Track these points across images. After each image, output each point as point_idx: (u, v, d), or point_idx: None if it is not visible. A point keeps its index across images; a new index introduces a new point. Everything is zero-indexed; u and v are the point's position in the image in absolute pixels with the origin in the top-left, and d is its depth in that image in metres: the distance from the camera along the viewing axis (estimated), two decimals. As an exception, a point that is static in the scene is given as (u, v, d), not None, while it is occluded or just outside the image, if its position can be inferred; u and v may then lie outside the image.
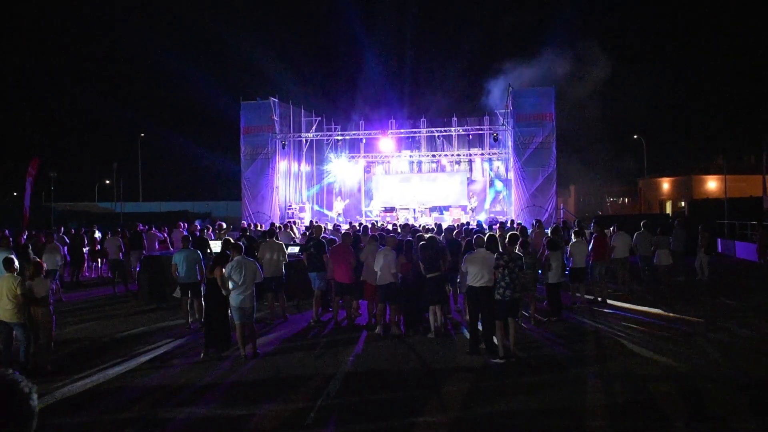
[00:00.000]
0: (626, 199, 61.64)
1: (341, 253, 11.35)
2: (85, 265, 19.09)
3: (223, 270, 8.95)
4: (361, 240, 12.55)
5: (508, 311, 8.80)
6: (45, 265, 9.13)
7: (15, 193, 49.56)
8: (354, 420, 6.64)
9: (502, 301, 8.77)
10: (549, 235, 13.13)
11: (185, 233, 15.28)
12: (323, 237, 12.61)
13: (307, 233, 15.49)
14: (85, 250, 18.44)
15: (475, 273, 9.08)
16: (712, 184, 49.47)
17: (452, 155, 32.50)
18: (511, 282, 8.74)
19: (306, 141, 31.68)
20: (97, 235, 19.57)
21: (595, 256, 13.49)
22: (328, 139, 32.86)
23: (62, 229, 20.03)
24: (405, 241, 10.90)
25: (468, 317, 10.15)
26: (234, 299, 8.96)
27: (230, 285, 8.94)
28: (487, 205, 31.81)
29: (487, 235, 10.06)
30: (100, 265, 19.67)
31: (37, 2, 79.91)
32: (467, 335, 9.89)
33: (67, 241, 17.95)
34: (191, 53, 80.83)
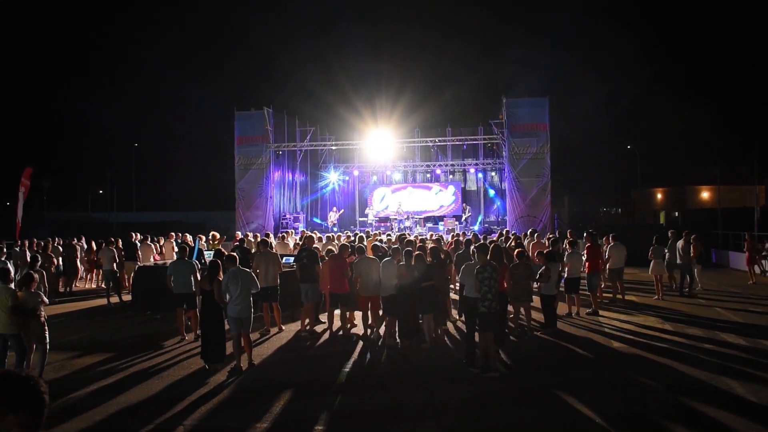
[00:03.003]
0: (619, 210, 61.85)
1: (337, 264, 11.31)
2: (79, 275, 19.01)
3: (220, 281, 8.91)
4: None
5: (492, 324, 8.73)
6: (36, 276, 9.04)
7: (8, 203, 49.29)
8: (351, 430, 6.60)
9: (489, 314, 8.69)
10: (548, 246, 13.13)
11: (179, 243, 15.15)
12: (315, 247, 12.59)
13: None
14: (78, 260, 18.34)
15: (472, 284, 9.04)
16: (705, 194, 49.74)
17: (446, 165, 32.57)
18: (495, 294, 8.69)
19: (300, 151, 31.68)
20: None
21: (590, 267, 13.50)
22: (322, 149, 32.88)
23: (56, 239, 19.90)
24: (405, 251, 10.90)
25: (465, 328, 10.10)
26: (231, 310, 8.91)
27: (226, 296, 8.89)
28: (481, 216, 31.87)
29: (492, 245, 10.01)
30: (94, 276, 19.56)
31: (31, 11, 79.85)
32: (456, 346, 9.84)
33: (61, 251, 17.84)
34: (186, 63, 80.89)
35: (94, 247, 19.23)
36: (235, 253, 9.85)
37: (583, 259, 13.73)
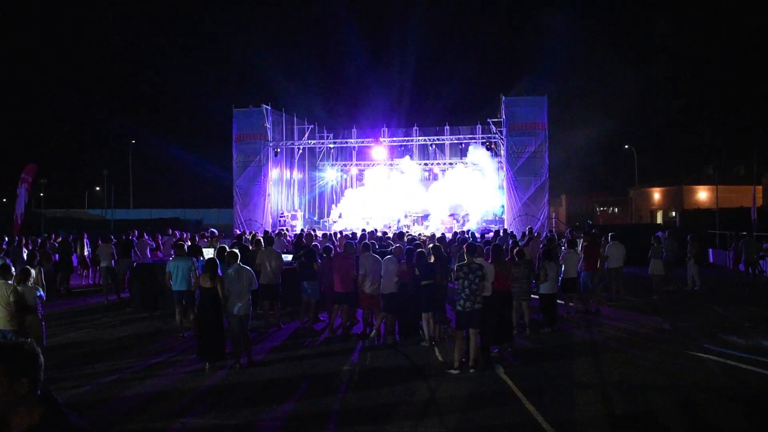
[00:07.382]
0: (616, 209, 61.83)
1: (342, 263, 11.29)
2: (76, 272, 18.94)
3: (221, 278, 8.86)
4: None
5: (469, 323, 8.65)
6: (32, 271, 9.01)
7: (4, 200, 49.21)
8: (352, 428, 6.58)
9: (462, 312, 8.63)
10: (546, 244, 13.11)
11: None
12: (314, 245, 12.54)
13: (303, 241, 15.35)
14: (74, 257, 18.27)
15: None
16: (702, 194, 49.75)
17: (444, 164, 32.54)
18: (471, 294, 8.59)
19: (298, 149, 31.65)
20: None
21: (587, 266, 13.44)
22: (320, 147, 32.85)
23: (53, 236, 19.85)
24: (406, 249, 10.89)
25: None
26: (231, 307, 8.86)
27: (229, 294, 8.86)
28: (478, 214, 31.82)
29: (493, 245, 10.01)
30: (92, 273, 19.51)
31: (30, 10, 79.62)
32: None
33: (57, 248, 17.77)
34: (183, 61, 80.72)
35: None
36: (236, 250, 9.81)
37: (580, 258, 13.68)
